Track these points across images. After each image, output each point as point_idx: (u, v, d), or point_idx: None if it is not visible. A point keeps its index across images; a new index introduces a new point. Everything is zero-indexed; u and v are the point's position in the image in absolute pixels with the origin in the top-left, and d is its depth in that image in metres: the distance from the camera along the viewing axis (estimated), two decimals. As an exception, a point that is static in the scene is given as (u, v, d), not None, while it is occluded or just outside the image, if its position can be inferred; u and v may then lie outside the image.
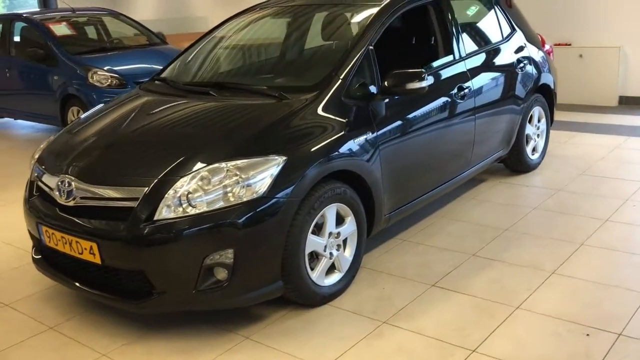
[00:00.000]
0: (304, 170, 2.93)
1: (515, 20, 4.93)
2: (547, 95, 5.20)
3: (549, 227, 4.02)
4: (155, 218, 2.74)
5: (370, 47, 3.50)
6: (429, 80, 3.45)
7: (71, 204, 2.97)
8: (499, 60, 4.53)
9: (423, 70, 3.43)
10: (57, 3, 12.73)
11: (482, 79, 4.28)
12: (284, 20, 4.19)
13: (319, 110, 3.21)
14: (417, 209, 4.00)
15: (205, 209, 2.73)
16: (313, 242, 3.07)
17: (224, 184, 2.78)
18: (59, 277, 3.16)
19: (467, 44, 4.30)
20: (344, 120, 3.24)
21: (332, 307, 3.20)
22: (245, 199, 2.77)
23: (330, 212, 3.14)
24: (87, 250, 2.89)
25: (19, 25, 7.88)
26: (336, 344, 2.86)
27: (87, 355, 2.90)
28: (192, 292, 2.79)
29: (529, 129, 5.00)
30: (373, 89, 3.44)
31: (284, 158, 2.89)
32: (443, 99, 3.89)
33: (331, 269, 3.27)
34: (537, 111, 5.06)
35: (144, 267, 2.78)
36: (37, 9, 10.26)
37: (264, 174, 2.82)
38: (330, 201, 3.11)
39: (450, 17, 4.17)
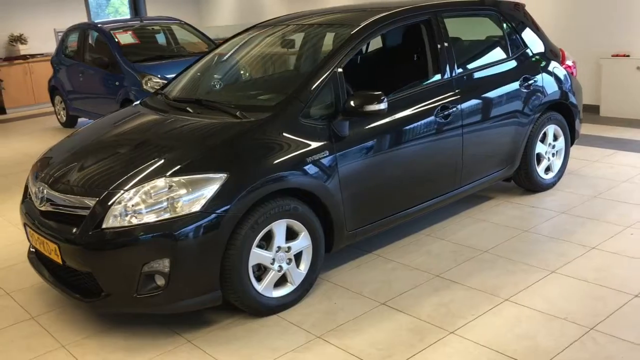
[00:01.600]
0: (245, 188, 3.10)
1: (527, 36, 4.80)
2: (566, 112, 5.03)
3: (529, 251, 3.94)
4: (103, 226, 3.02)
5: (338, 70, 3.60)
6: (386, 103, 3.49)
7: (43, 208, 3.33)
8: (498, 78, 4.45)
9: (381, 92, 3.49)
10: (147, 11, 13.58)
11: (474, 98, 4.24)
12: (271, 40, 4.36)
13: (273, 130, 3.37)
14: (395, 225, 4.05)
15: (145, 220, 2.98)
16: (258, 256, 3.24)
17: (165, 198, 3.01)
18: (41, 272, 3.53)
19: (460, 62, 4.28)
20: (298, 140, 3.38)
21: (279, 317, 3.35)
22: (183, 213, 2.99)
23: (278, 228, 3.29)
24: (53, 252, 3.24)
25: (93, 33, 8.57)
26: (264, 354, 3.02)
27: (49, 345, 3.24)
28: (133, 296, 3.05)
29: (541, 148, 4.86)
30: (336, 110, 3.54)
31: (226, 175, 3.08)
32: (419, 120, 3.91)
33: (284, 281, 3.42)
34: (551, 129, 4.92)
35: (92, 270, 3.08)
36: (111, 19, 11.01)
37: (203, 190, 3.03)
38: (278, 217, 3.27)
39: (439, 36, 4.17)
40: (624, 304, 3.23)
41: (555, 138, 5.03)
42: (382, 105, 3.48)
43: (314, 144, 3.42)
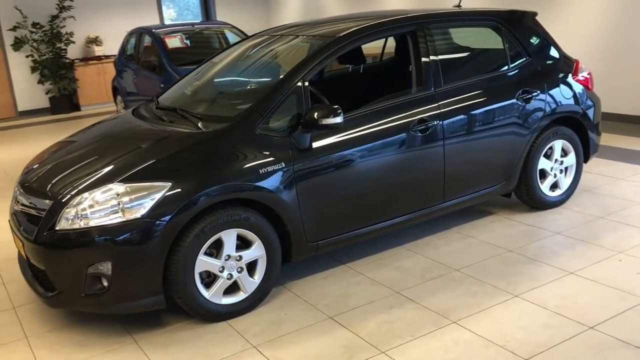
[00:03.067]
0: (188, 198, 3.20)
1: (533, 46, 4.60)
2: (578, 127, 4.78)
3: (502, 273, 3.79)
4: (56, 228, 3.21)
5: (304, 82, 3.63)
6: (341, 117, 3.48)
7: (16, 208, 3.59)
8: (489, 91, 4.29)
9: (338, 106, 3.49)
10: (217, 15, 14.04)
11: (459, 112, 4.12)
12: (258, 51, 4.43)
13: (226, 141, 3.45)
14: (366, 238, 4.01)
15: (92, 224, 3.15)
16: (205, 263, 3.33)
17: (109, 203, 3.17)
18: (22, 267, 3.79)
19: (448, 74, 4.17)
20: (252, 152, 3.44)
21: (227, 324, 3.43)
22: (125, 219, 3.13)
23: (228, 237, 3.37)
24: (21, 248, 3.49)
25: (147, 38, 8.99)
26: (197, 359, 3.11)
27: (14, 335, 3.49)
28: (81, 295, 3.23)
29: (545, 164, 4.65)
30: (298, 122, 3.56)
31: (170, 184, 3.20)
32: (391, 133, 3.86)
33: (237, 288, 3.50)
34: (558, 144, 4.68)
35: (46, 268, 3.29)
36: (168, 24, 11.40)
37: (147, 198, 3.16)
38: (227, 226, 3.35)
39: (423, 48, 4.08)
40: (573, 336, 3.06)
41: (565, 153, 4.79)
42: (338, 119, 3.48)
43: (270, 156, 3.46)
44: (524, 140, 4.46)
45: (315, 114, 3.48)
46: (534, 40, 4.66)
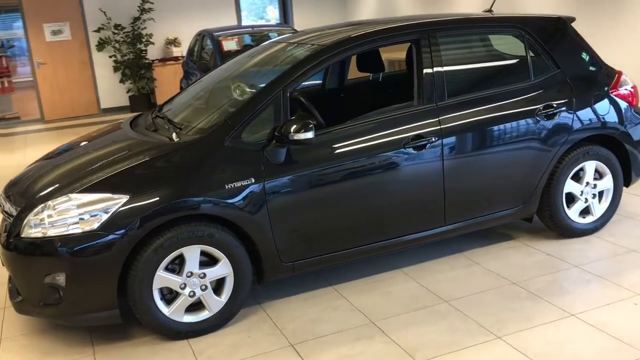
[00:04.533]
0: (146, 212, 3.11)
1: (564, 56, 4.14)
2: (618, 147, 4.27)
3: (493, 309, 3.42)
4: (22, 235, 3.23)
5: (282, 94, 3.44)
6: (312, 133, 3.27)
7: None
8: (503, 105, 3.90)
9: (310, 120, 3.28)
10: (293, 13, 14.04)
11: (464, 127, 3.77)
12: (257, 61, 4.26)
13: (193, 154, 3.33)
14: (353, 260, 3.77)
15: (50, 234, 3.14)
16: (164, 279, 3.23)
17: (69, 214, 3.14)
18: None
19: (455, 86, 3.84)
20: (219, 166, 3.30)
21: (187, 343, 3.32)
22: (80, 231, 3.09)
23: (190, 253, 3.26)
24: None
25: (207, 40, 9.11)
26: (140, 379, 3.03)
27: (-9, 337, 3.57)
28: (39, 304, 3.23)
29: (572, 187, 4.18)
30: (273, 136, 3.39)
31: (127, 198, 3.12)
32: (380, 150, 3.59)
33: (203, 307, 3.38)
34: (590, 166, 4.19)
35: (11, 274, 3.32)
36: (229, 26, 11.37)
37: (102, 211, 3.10)
38: (189, 242, 3.23)
39: (426, 59, 3.77)
40: (542, 392, 2.68)
41: (601, 176, 4.28)
42: (309, 134, 3.27)
43: (238, 171, 3.31)
44: (546, 160, 4.02)
45: (284, 128, 3.29)
46: (566, 49, 4.20)
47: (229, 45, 8.53)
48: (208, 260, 3.34)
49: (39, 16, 12.02)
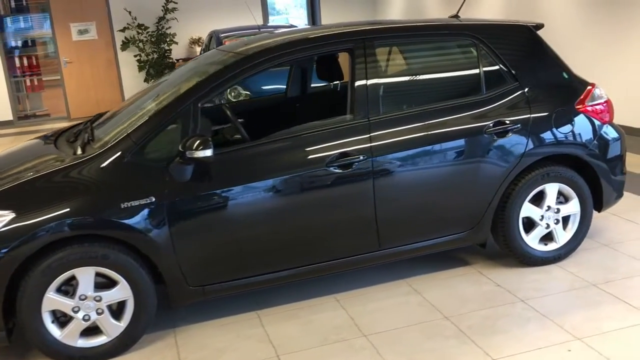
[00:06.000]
0: (30, 232, 2.96)
1: (524, 68, 3.76)
2: (586, 169, 3.86)
3: (411, 348, 3.11)
4: None
5: (193, 107, 3.23)
6: (210, 151, 3.05)
7: None
8: (447, 121, 3.56)
9: (206, 137, 3.05)
10: (321, 13, 13.79)
11: (399, 145, 3.46)
12: (185, 71, 4.03)
13: (89, 170, 3.14)
14: (275, 285, 3.52)
15: None
16: (54, 302, 3.07)
17: None
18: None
19: (391, 100, 3.55)
20: (116, 183, 3.12)
21: (81, 369, 3.16)
22: (-39, 250, 2.96)
23: (83, 275, 3.08)
24: None
25: (214, 39, 9.00)
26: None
27: None
28: None
29: (531, 211, 3.79)
30: (177, 152, 3.17)
31: (11, 216, 2.97)
32: (299, 168, 3.33)
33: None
34: (552, 189, 3.80)
35: None
36: (236, 26, 11.14)
37: (-15, 229, 2.96)
38: (81, 263, 3.06)
39: (358, 68, 3.48)
40: None
41: (567, 200, 3.88)
42: (207, 152, 3.05)
43: (136, 189, 3.12)
44: (496, 182, 3.66)
45: (185, 145, 3.08)
46: (527, 60, 3.82)
47: (232, 46, 8.37)
48: (109, 283, 3.17)
49: (66, 16, 12.22)
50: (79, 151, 3.30)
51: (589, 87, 3.88)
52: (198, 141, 3.05)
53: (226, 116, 3.68)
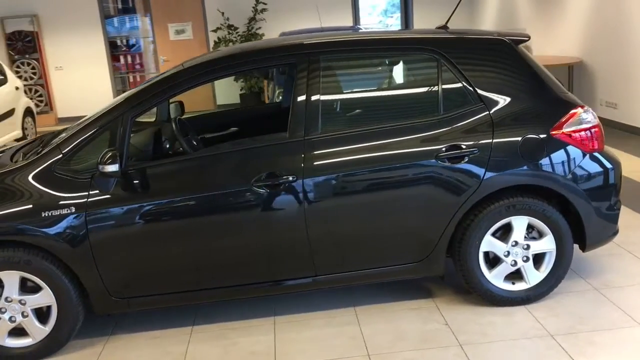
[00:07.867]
0: (-48, 234, 3.13)
1: (491, 87, 3.39)
2: (565, 202, 3.42)
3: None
4: None
5: (122, 120, 3.25)
6: (116, 166, 3.04)
7: None
8: (393, 143, 3.29)
9: (114, 151, 3.05)
10: (413, 14, 13.41)
11: (335, 167, 3.26)
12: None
13: (18, 178, 3.25)
14: (203, 302, 3.49)
15: None
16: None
17: None
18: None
19: (333, 118, 3.36)
20: (40, 192, 3.20)
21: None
22: None
23: (8, 278, 3.22)
24: None
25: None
26: None
27: None
28: None
29: (494, 246, 3.43)
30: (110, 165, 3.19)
31: (-62, 226, 3.16)
32: (220, 187, 3.23)
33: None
34: (519, 222, 3.40)
35: None
36: (299, 29, 10.95)
37: None
38: (5, 267, 3.19)
39: (299, 83, 3.31)
40: None
41: (540, 235, 3.46)
42: (113, 167, 3.05)
43: (58, 199, 3.19)
44: (449, 211, 3.34)
45: (99, 158, 3.10)
46: (497, 79, 3.43)
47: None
48: (37, 287, 3.28)
49: (165, 17, 12.87)
50: (21, 159, 3.44)
51: (573, 111, 3.42)
52: (108, 155, 3.07)
53: (176, 130, 3.68)
